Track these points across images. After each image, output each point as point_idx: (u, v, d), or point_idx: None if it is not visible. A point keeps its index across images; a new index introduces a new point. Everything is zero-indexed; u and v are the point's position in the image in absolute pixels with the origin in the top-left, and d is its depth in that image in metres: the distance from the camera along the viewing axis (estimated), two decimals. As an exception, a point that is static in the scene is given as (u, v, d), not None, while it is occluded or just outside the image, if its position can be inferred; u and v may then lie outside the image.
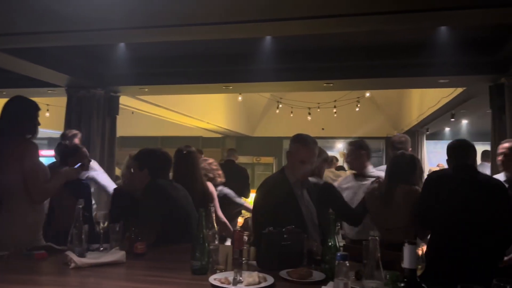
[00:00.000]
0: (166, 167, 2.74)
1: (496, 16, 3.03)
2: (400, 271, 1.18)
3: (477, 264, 2.40)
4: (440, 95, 6.47)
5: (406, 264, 1.13)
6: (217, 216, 3.06)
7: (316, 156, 2.51)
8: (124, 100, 5.96)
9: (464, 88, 5.47)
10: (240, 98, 8.32)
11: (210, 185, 3.40)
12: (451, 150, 2.69)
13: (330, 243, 1.92)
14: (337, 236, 1.97)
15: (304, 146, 2.45)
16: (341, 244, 3.30)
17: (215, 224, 2.12)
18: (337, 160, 7.62)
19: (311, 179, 2.73)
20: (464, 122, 8.72)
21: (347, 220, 3.01)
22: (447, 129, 10.30)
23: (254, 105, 11.34)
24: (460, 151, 2.65)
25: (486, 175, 2.75)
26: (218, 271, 1.93)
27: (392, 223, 2.64)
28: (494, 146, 4.65)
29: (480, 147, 7.75)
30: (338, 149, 12.65)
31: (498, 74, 4.41)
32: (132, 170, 2.79)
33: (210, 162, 3.69)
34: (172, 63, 4.99)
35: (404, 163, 2.77)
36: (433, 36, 4.02)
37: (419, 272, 1.41)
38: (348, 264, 0.98)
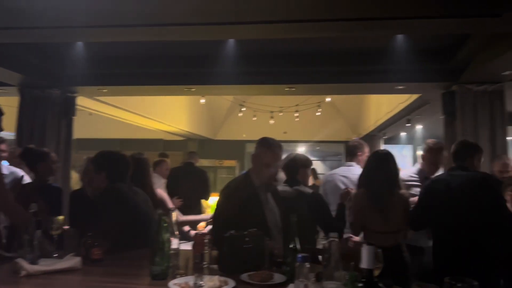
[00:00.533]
0: (125, 170, 2.67)
1: (448, 27, 3.19)
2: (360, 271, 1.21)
3: (478, 262, 2.49)
4: (397, 101, 6.71)
5: (364, 264, 1.16)
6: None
7: (280, 160, 2.53)
8: (82, 101, 5.76)
9: (419, 95, 5.71)
10: (202, 100, 8.26)
11: (160, 191, 3.37)
12: (453, 152, 2.81)
13: (291, 246, 1.94)
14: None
15: (269, 149, 2.47)
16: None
17: (175, 230, 2.08)
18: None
19: (297, 188, 2.77)
20: (419, 127, 9.09)
21: (327, 231, 2.96)
22: (402, 134, 10.70)
23: (217, 108, 11.31)
24: (460, 153, 2.76)
25: (482, 174, 2.82)
26: (178, 276, 1.90)
27: (386, 228, 2.67)
28: (446, 150, 4.90)
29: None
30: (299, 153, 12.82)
31: (450, 82, 4.64)
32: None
33: None
34: (133, 63, 4.88)
35: (387, 167, 2.75)
36: (391, 44, 4.17)
37: (376, 272, 1.45)
38: (308, 266, 0.99)
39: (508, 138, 4.59)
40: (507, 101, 4.52)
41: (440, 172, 3.21)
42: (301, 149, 12.78)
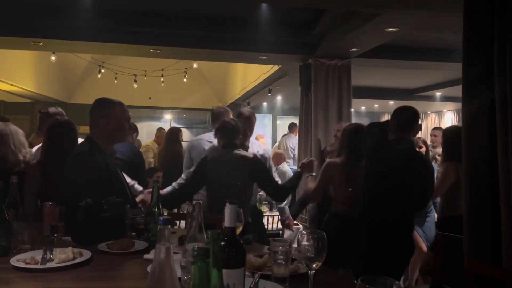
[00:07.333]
0: None
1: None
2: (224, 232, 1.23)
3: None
4: (261, 71, 7.00)
5: (226, 223, 1.18)
6: None
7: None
8: None
9: (280, 66, 6.04)
10: (53, 58, 7.30)
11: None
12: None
13: (153, 211, 1.88)
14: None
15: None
16: None
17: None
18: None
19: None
20: (279, 97, 9.69)
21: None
22: (264, 104, 11.29)
23: (72, 68, 10.17)
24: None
25: None
26: (23, 251, 1.69)
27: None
28: (302, 119, 5.33)
29: (292, 120, 8.77)
30: (165, 120, 12.47)
31: (307, 56, 5.00)
32: None
33: None
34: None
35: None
36: (256, 14, 4.27)
37: (238, 231, 1.51)
38: (170, 229, 0.96)
39: (351, 109, 5.21)
40: (352, 76, 5.09)
41: (252, 139, 3.38)
42: (167, 116, 12.46)
